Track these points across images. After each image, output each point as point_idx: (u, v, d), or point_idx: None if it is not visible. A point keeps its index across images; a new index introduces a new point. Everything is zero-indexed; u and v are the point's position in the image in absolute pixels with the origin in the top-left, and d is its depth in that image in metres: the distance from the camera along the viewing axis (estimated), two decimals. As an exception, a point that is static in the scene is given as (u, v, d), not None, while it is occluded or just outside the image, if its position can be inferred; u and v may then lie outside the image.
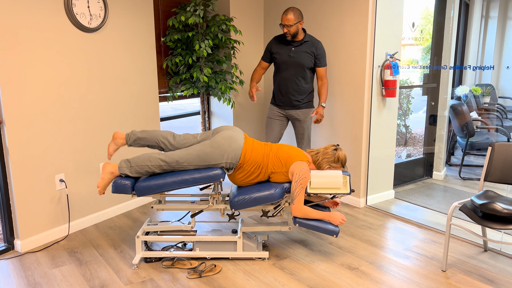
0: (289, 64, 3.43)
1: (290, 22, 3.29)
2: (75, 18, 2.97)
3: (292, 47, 3.42)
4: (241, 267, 2.65)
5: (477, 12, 4.13)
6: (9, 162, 2.76)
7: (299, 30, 3.37)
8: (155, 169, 2.59)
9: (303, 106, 3.51)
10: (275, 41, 3.53)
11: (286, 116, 3.60)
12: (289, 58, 3.42)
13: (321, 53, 3.43)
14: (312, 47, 3.40)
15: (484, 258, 2.75)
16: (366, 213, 3.53)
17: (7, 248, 2.87)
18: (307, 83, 3.48)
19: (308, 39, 3.42)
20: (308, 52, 3.39)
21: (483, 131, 4.26)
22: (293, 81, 3.45)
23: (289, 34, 3.34)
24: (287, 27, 3.31)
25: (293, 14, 3.28)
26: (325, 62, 3.47)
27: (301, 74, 3.44)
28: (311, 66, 3.44)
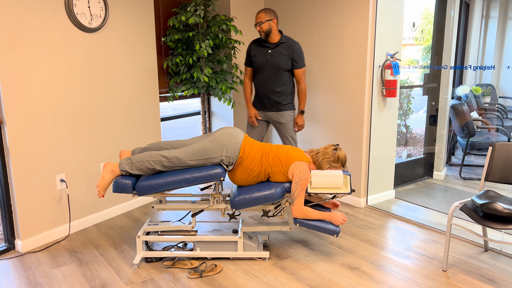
0: (266, 66, 3.41)
1: (262, 19, 3.30)
2: (76, 18, 2.98)
3: (269, 49, 3.40)
4: (242, 267, 2.65)
5: (478, 12, 4.13)
6: (10, 162, 2.76)
7: (273, 30, 3.35)
8: (155, 165, 2.59)
9: (282, 108, 3.48)
10: (253, 44, 3.51)
11: (266, 119, 3.57)
12: (266, 60, 3.40)
13: (298, 54, 3.39)
14: (289, 48, 3.37)
15: (484, 258, 2.75)
16: (367, 213, 3.53)
17: (8, 248, 2.88)
18: (285, 84, 3.44)
19: (285, 41, 3.39)
20: (284, 54, 3.37)
21: (484, 131, 4.26)
22: (270, 83, 3.44)
23: (262, 32, 3.33)
24: (258, 24, 3.32)
25: (264, 12, 3.31)
26: (302, 63, 3.43)
27: (278, 76, 3.42)
28: (289, 68, 3.41)
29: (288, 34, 4.14)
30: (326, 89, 3.82)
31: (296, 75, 3.45)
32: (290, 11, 4.07)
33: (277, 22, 3.36)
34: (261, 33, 3.35)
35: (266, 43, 3.42)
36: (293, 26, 4.06)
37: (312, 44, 3.88)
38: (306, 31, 3.92)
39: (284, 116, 3.48)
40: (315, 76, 3.91)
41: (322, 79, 3.84)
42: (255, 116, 3.56)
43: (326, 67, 3.78)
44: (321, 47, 3.80)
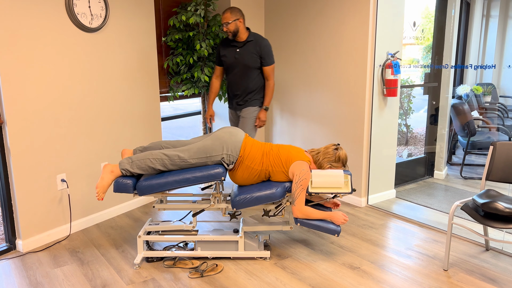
0: (235, 65, 3.40)
1: (228, 20, 3.27)
2: (76, 18, 2.98)
3: (237, 48, 3.38)
4: (243, 266, 2.65)
5: (478, 11, 4.13)
6: (11, 162, 2.76)
7: (240, 29, 3.33)
8: (156, 163, 2.59)
9: (248, 104, 3.49)
10: (222, 44, 3.49)
11: (239, 117, 3.58)
12: (235, 59, 3.38)
13: (266, 51, 3.37)
14: (257, 46, 3.36)
15: (486, 257, 2.75)
16: (368, 213, 3.53)
17: (9, 248, 2.88)
18: (255, 83, 3.44)
19: (252, 38, 3.38)
20: (252, 52, 3.35)
21: (485, 130, 4.26)
22: (240, 82, 3.43)
23: (229, 32, 3.31)
24: (225, 25, 3.28)
25: (230, 12, 3.27)
26: (271, 60, 3.41)
27: (248, 74, 3.40)
28: (258, 66, 3.40)
29: (289, 33, 4.14)
30: (326, 88, 3.82)
31: (265, 72, 3.43)
32: (290, 11, 4.07)
33: (243, 20, 3.34)
34: (228, 34, 3.32)
35: (234, 42, 3.39)
36: (294, 25, 4.06)
37: (312, 43, 3.88)
38: (306, 31, 3.92)
39: (244, 110, 3.49)
40: (316, 75, 3.90)
41: (323, 78, 3.84)
42: (210, 118, 3.67)
43: (326, 67, 3.78)
44: (321, 46, 3.80)
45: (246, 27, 3.39)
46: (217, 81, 3.63)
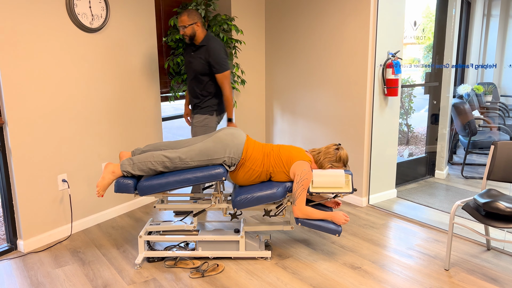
0: (188, 69, 3.27)
1: (184, 23, 3.11)
2: (77, 18, 2.98)
3: (192, 51, 3.23)
4: (244, 266, 2.65)
5: (479, 10, 4.12)
6: (12, 163, 2.76)
7: (198, 33, 3.15)
8: (157, 165, 2.58)
9: (197, 112, 3.28)
10: (185, 46, 3.38)
11: None
12: (189, 63, 3.24)
13: (215, 58, 3.11)
14: (206, 52, 3.13)
15: (487, 257, 2.74)
16: (369, 212, 3.53)
17: (10, 248, 2.88)
18: (206, 89, 3.22)
19: (205, 43, 3.15)
20: (201, 58, 3.14)
21: (486, 129, 4.25)
22: (192, 88, 3.27)
23: (185, 35, 3.14)
24: (182, 28, 3.13)
25: (187, 15, 3.10)
26: (222, 67, 3.13)
27: (198, 80, 3.22)
28: (206, 72, 3.17)
29: (290, 33, 4.14)
30: (327, 88, 3.82)
31: (217, 80, 3.19)
32: (291, 10, 4.07)
33: (201, 24, 3.15)
34: (185, 37, 3.16)
35: (191, 45, 3.24)
36: (294, 24, 4.06)
37: (313, 43, 3.88)
38: (307, 30, 3.92)
39: (195, 117, 3.29)
40: (316, 75, 3.90)
41: (323, 78, 3.83)
42: (187, 117, 3.56)
43: (327, 66, 3.78)
44: (322, 46, 3.80)
45: (205, 30, 3.20)
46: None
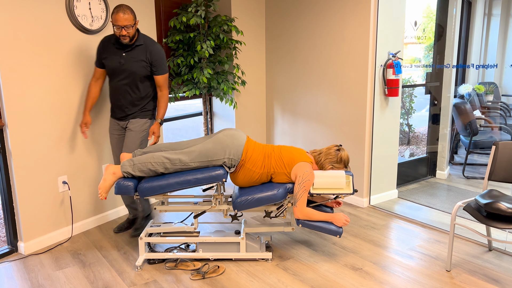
0: (120, 72, 2.87)
1: (130, 22, 2.72)
2: (77, 20, 2.98)
3: (123, 52, 2.84)
4: (245, 268, 2.64)
5: (480, 10, 4.11)
6: (12, 165, 2.76)
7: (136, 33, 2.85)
8: (158, 167, 2.58)
9: (137, 116, 2.98)
10: (105, 42, 2.90)
11: (124, 129, 3.03)
12: (120, 65, 2.85)
13: (158, 58, 2.87)
14: (146, 52, 2.85)
15: (488, 257, 2.73)
16: (370, 213, 3.52)
17: (11, 250, 2.88)
18: (145, 93, 2.96)
19: (142, 43, 2.87)
20: (142, 59, 2.85)
21: (487, 129, 4.24)
22: (126, 92, 2.92)
23: (128, 36, 2.76)
24: (125, 28, 2.71)
25: (130, 12, 2.73)
26: (163, 69, 2.89)
27: (135, 84, 2.90)
28: (148, 75, 2.90)
29: (290, 33, 4.13)
30: (327, 88, 3.81)
31: (157, 82, 2.94)
32: (291, 10, 4.06)
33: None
34: (126, 38, 2.75)
35: (118, 44, 2.84)
36: (295, 25, 4.05)
37: (313, 43, 3.87)
38: (307, 30, 3.92)
39: (133, 122, 2.98)
40: (317, 75, 3.90)
41: (324, 78, 3.83)
42: (85, 126, 3.01)
43: (327, 67, 3.77)
44: (322, 46, 3.79)
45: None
46: (96, 85, 3.02)
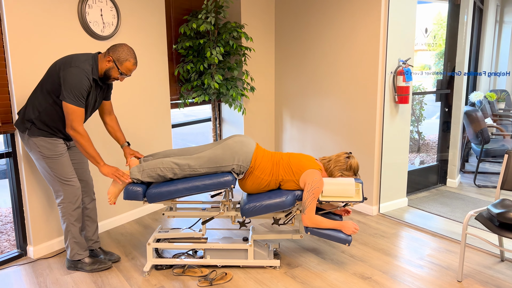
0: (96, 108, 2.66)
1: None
2: (88, 26, 3.01)
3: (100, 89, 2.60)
4: (252, 275, 2.63)
5: (491, 17, 4.08)
6: (23, 169, 2.78)
7: None
8: (166, 172, 2.58)
9: None
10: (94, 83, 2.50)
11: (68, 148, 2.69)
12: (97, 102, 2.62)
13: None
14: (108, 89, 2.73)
15: (500, 268, 2.68)
16: (379, 221, 3.48)
17: (20, 254, 2.90)
18: None
19: None
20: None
21: (499, 137, 4.18)
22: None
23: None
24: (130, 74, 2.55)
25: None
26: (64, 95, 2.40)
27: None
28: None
29: (300, 40, 4.13)
30: (337, 95, 3.79)
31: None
32: (301, 15, 4.07)
33: None
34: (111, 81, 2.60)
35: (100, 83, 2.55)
36: (304, 32, 4.05)
37: (323, 49, 3.87)
38: (317, 37, 3.91)
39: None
40: (327, 82, 3.89)
41: (334, 85, 3.82)
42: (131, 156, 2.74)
43: (337, 73, 3.76)
44: (332, 53, 3.78)
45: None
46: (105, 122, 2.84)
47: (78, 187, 2.61)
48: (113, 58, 2.45)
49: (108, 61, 2.46)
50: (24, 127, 2.50)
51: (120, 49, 2.46)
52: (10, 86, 2.70)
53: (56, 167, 2.53)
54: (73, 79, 2.35)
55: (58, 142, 2.54)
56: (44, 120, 2.48)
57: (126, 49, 2.47)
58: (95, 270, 2.69)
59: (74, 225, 2.63)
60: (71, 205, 2.59)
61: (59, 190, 2.57)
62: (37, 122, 2.48)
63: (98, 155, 2.50)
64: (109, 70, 2.47)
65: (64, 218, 2.61)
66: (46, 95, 2.46)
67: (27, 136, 2.50)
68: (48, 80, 2.45)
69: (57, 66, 2.43)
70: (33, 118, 2.48)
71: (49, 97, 2.45)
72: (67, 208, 2.59)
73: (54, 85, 2.42)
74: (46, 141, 2.50)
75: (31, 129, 2.49)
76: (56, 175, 2.54)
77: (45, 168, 2.54)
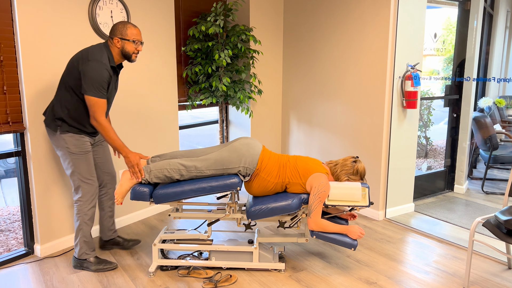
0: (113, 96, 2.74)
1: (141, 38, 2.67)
2: (99, 27, 3.04)
3: (117, 75, 2.69)
4: (257, 278, 2.62)
5: (501, 23, 4.05)
6: (31, 168, 2.81)
7: None
8: (173, 173, 2.60)
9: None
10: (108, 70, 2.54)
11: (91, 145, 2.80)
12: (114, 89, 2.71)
13: None
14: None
15: (508, 275, 2.66)
16: (385, 226, 3.47)
17: (27, 253, 2.92)
18: None
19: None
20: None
21: (508, 144, 4.15)
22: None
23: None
24: (142, 43, 2.61)
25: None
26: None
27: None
28: None
29: (308, 44, 4.14)
30: (345, 99, 3.79)
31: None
32: (309, 19, 4.07)
33: None
34: (137, 56, 2.70)
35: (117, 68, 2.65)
36: (313, 35, 4.06)
37: (331, 53, 3.87)
38: (325, 40, 3.91)
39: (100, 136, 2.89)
40: (334, 86, 3.88)
41: (341, 89, 3.81)
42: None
43: (345, 77, 3.76)
44: (340, 57, 3.78)
45: None
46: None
47: (96, 187, 2.71)
48: (118, 37, 2.53)
49: (117, 42, 2.54)
50: (55, 125, 2.59)
51: (116, 26, 2.54)
52: (20, 86, 2.73)
53: (79, 165, 2.63)
54: (93, 72, 2.44)
55: (85, 139, 2.65)
56: (74, 116, 2.58)
57: (120, 23, 2.55)
58: (100, 270, 2.72)
59: (87, 224, 2.70)
60: (87, 204, 2.68)
61: (79, 188, 2.66)
62: (67, 119, 2.58)
63: (122, 144, 2.59)
64: (124, 48, 2.55)
65: (78, 216, 2.68)
66: (71, 92, 2.55)
67: (58, 133, 2.59)
68: (70, 77, 2.53)
69: (75, 61, 2.52)
70: (63, 116, 2.57)
71: (74, 93, 2.55)
72: (83, 207, 2.67)
73: (76, 81, 2.51)
74: (74, 138, 2.61)
75: (62, 126, 2.59)
76: (79, 172, 2.63)
77: (70, 164, 2.63)
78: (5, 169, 5.59)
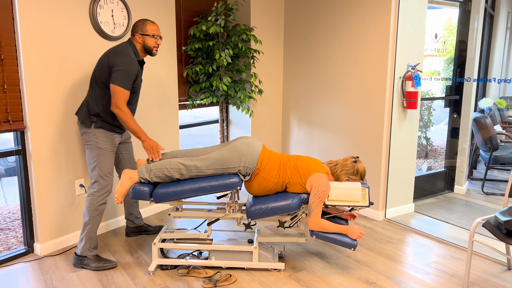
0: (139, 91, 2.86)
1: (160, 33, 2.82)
2: (99, 26, 3.04)
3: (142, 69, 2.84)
4: (257, 277, 2.63)
5: (502, 24, 4.05)
6: (32, 166, 2.81)
7: None
8: (174, 173, 2.60)
9: None
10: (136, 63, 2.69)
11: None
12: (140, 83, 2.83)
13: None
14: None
15: (507, 276, 2.66)
16: (385, 227, 3.47)
17: (27, 251, 2.92)
18: None
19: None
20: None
21: (508, 145, 4.15)
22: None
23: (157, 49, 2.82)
24: (161, 38, 2.79)
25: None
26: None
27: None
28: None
29: (308, 43, 4.14)
30: (345, 99, 3.79)
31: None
32: (310, 20, 4.07)
33: None
34: (157, 50, 2.80)
35: (141, 63, 2.81)
36: (313, 35, 4.06)
37: (332, 54, 3.87)
38: (326, 40, 3.91)
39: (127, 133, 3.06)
40: (334, 86, 3.88)
41: (342, 89, 3.81)
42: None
43: (345, 77, 3.76)
44: (341, 57, 3.78)
45: None
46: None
47: (111, 185, 2.79)
48: (139, 33, 2.72)
49: (139, 38, 2.72)
50: (90, 121, 2.71)
51: (136, 24, 2.74)
52: (21, 85, 2.73)
53: (102, 160, 2.74)
54: (124, 65, 2.61)
55: (114, 137, 2.79)
56: (109, 111, 2.71)
57: (140, 21, 2.74)
58: (100, 268, 2.72)
59: (96, 219, 2.75)
60: (100, 200, 2.74)
61: (96, 181, 2.74)
62: (102, 114, 2.70)
63: (141, 130, 2.70)
64: (145, 43, 2.73)
65: (88, 210, 2.72)
66: (104, 88, 2.68)
67: (92, 128, 2.71)
68: (101, 74, 2.66)
69: (104, 58, 2.66)
70: (99, 111, 2.70)
71: (107, 89, 2.67)
72: (95, 201, 2.73)
73: (107, 76, 2.65)
74: (105, 134, 2.74)
75: (96, 122, 2.71)
76: (100, 167, 2.74)
77: (94, 158, 2.73)
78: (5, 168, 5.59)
